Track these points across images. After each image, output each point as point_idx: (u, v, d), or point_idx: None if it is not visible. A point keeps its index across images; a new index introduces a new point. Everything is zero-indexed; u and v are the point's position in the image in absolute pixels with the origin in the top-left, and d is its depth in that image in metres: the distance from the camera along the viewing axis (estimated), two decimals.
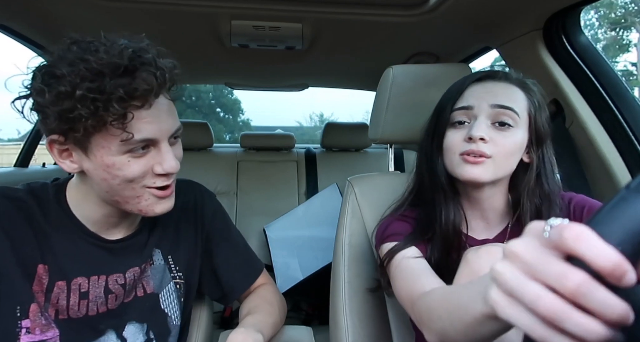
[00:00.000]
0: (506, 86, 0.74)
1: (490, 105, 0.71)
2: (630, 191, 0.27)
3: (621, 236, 0.26)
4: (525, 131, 0.72)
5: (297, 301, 1.82)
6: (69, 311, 0.66)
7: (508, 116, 0.70)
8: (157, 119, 0.60)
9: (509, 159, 0.71)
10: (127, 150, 0.59)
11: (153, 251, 0.76)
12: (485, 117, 0.71)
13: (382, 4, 1.15)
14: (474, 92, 0.74)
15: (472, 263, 0.61)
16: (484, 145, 0.69)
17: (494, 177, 0.71)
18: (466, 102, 0.73)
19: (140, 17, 1.22)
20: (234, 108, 22.10)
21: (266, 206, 2.02)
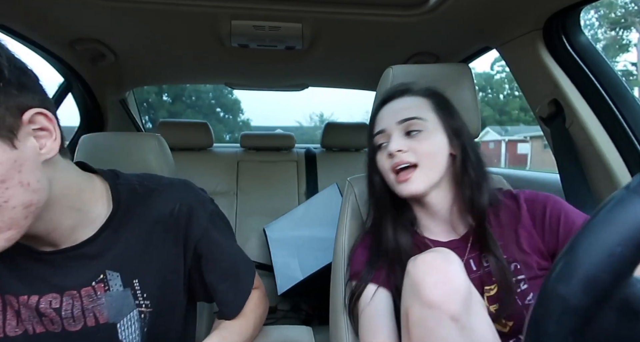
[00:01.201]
0: (407, 100, 0.82)
1: (396, 122, 0.79)
2: (629, 191, 0.27)
3: (621, 236, 0.26)
4: (439, 131, 0.79)
5: (297, 301, 1.82)
6: (5, 328, 0.59)
7: (415, 124, 0.78)
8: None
9: (434, 160, 0.77)
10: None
11: (107, 273, 0.61)
12: (397, 133, 0.79)
13: (382, 4, 1.15)
14: (383, 115, 0.83)
15: (411, 274, 0.62)
16: (404, 155, 0.77)
17: (430, 184, 0.77)
18: (379, 126, 0.82)
19: (140, 17, 1.22)
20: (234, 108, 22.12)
21: (266, 206, 2.02)
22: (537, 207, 0.75)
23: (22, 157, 0.48)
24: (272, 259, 1.75)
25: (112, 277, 0.62)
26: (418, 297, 0.59)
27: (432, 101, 0.81)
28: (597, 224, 0.27)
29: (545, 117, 1.13)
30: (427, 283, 0.59)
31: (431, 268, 0.60)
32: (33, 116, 0.50)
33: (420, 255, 0.64)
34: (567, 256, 0.28)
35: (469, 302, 0.59)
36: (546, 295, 0.29)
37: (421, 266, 0.62)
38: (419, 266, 0.62)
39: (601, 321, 0.27)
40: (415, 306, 0.60)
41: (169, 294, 0.67)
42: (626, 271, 0.26)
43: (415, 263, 0.62)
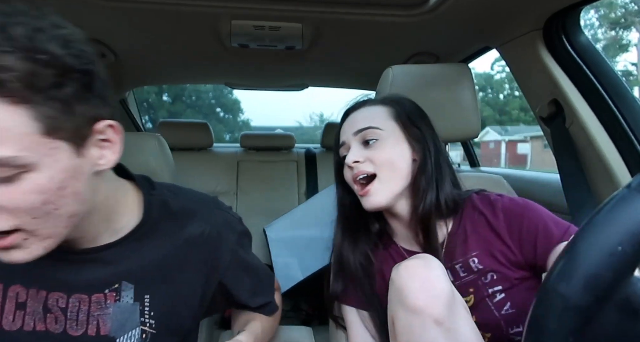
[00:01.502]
0: (365, 110, 0.82)
1: (353, 133, 0.79)
2: (630, 190, 0.27)
3: (622, 235, 0.26)
4: (398, 138, 0.78)
5: (297, 301, 1.82)
6: (2, 320, 0.57)
7: (370, 133, 0.77)
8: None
9: (393, 168, 0.76)
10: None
11: (122, 284, 0.60)
12: (355, 143, 0.79)
13: (382, 4, 1.15)
14: (344, 127, 0.83)
15: (395, 282, 0.63)
16: (362, 165, 0.76)
17: (392, 195, 0.76)
18: (341, 139, 0.83)
19: (140, 17, 1.22)
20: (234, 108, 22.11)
21: (266, 206, 2.01)
22: (514, 218, 0.72)
23: (82, 166, 0.48)
24: (272, 259, 1.75)
25: (126, 288, 0.60)
26: (403, 304, 0.60)
27: (391, 109, 0.81)
28: (597, 223, 0.27)
29: (545, 117, 1.13)
30: (411, 289, 0.60)
31: (413, 274, 0.61)
32: (104, 127, 0.50)
33: (402, 262, 0.64)
34: (568, 254, 0.28)
35: (452, 306, 0.59)
36: (547, 293, 0.29)
37: (404, 272, 0.62)
38: (401, 272, 0.63)
39: (602, 319, 0.27)
40: (400, 312, 0.61)
41: (175, 317, 0.64)
42: (627, 269, 0.26)
43: (399, 270, 0.63)
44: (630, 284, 0.27)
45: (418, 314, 0.58)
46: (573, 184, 1.02)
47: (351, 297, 0.83)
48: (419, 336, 0.58)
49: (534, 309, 0.30)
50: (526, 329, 0.30)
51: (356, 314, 0.83)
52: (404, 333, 0.61)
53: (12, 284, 0.58)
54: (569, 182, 1.03)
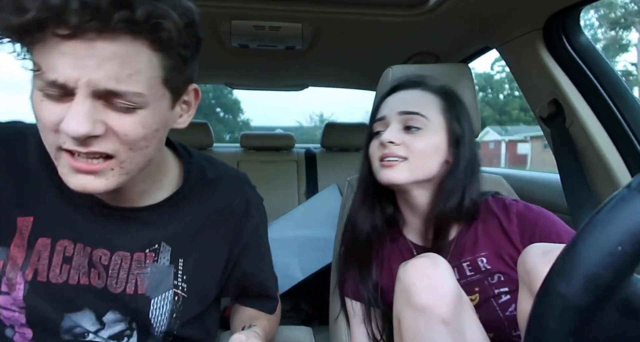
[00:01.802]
0: (417, 93, 0.79)
1: (398, 112, 0.77)
2: (631, 190, 0.27)
3: (622, 235, 0.26)
4: (440, 133, 0.76)
5: (297, 301, 1.82)
6: (49, 273, 0.59)
7: (415, 120, 0.75)
8: (80, 60, 0.44)
9: (425, 160, 0.75)
10: (40, 87, 0.47)
11: (161, 245, 0.63)
12: (396, 123, 0.77)
13: (382, 4, 1.15)
14: (387, 103, 0.81)
15: (402, 279, 0.63)
16: (396, 147, 0.75)
17: (412, 178, 0.75)
18: (381, 113, 0.80)
19: None
20: (234, 108, 22.11)
21: (266, 206, 2.01)
22: (528, 224, 0.73)
23: (170, 118, 0.55)
24: (272, 259, 1.75)
25: (164, 249, 0.63)
26: (409, 302, 0.60)
27: (442, 101, 0.78)
28: (597, 223, 0.27)
29: (545, 117, 1.13)
30: (417, 288, 0.60)
31: (421, 273, 0.61)
32: (191, 89, 0.58)
33: (410, 260, 0.64)
34: (568, 254, 0.28)
35: (459, 306, 0.59)
36: (547, 293, 0.29)
37: (411, 270, 0.62)
38: (409, 271, 0.63)
39: (602, 319, 0.27)
40: (406, 310, 0.61)
41: (202, 284, 0.67)
42: (627, 269, 0.26)
43: (406, 268, 0.63)
44: (630, 284, 0.27)
45: (424, 313, 0.58)
46: (573, 184, 1.02)
47: (356, 291, 0.83)
48: (425, 335, 0.58)
49: (534, 309, 0.30)
50: (526, 329, 0.30)
51: (360, 308, 0.83)
52: (409, 332, 0.61)
53: (60, 239, 0.59)
54: (569, 182, 1.03)
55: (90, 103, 0.46)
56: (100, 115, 0.47)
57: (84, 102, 0.45)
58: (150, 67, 0.48)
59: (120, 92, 0.46)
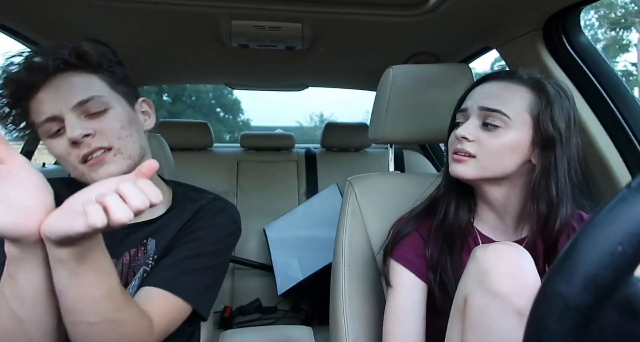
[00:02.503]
0: (504, 86, 0.73)
1: (479, 107, 0.72)
2: (631, 190, 0.27)
3: (622, 235, 0.26)
4: (522, 132, 0.70)
5: (297, 301, 1.82)
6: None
7: (494, 118, 0.70)
8: (54, 96, 0.65)
9: (497, 160, 0.71)
10: (45, 134, 0.66)
11: (148, 239, 0.74)
12: (475, 118, 0.73)
13: (382, 4, 1.15)
14: (473, 94, 0.76)
15: (480, 261, 0.60)
16: (468, 144, 0.72)
17: (480, 175, 0.72)
18: (464, 104, 0.76)
19: (140, 17, 1.22)
20: (234, 108, 22.07)
21: (266, 206, 2.01)
22: None
23: (136, 118, 0.74)
24: (272, 259, 1.75)
25: (150, 242, 0.74)
26: (484, 285, 0.58)
27: (534, 96, 0.71)
28: (598, 223, 0.27)
29: None
30: (497, 273, 0.57)
31: (503, 258, 0.59)
32: (141, 102, 0.78)
33: (491, 244, 0.62)
34: (568, 254, 0.28)
35: None
36: (547, 293, 0.29)
37: (492, 254, 0.59)
38: (489, 253, 0.60)
39: (602, 320, 0.27)
40: (478, 292, 0.59)
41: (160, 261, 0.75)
42: (627, 269, 0.26)
43: (486, 251, 0.60)
44: (630, 284, 0.27)
45: (500, 299, 0.56)
46: None
47: (413, 261, 0.79)
48: (495, 321, 0.56)
49: (533, 308, 0.30)
50: (526, 329, 0.30)
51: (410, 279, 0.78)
52: (477, 315, 0.58)
53: None
54: None
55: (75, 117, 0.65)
56: (85, 123, 0.66)
57: (70, 117, 0.65)
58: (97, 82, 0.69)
59: (86, 98, 0.66)
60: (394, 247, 0.81)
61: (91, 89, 0.67)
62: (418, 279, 0.78)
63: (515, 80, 0.73)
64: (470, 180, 0.74)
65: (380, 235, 0.91)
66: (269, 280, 1.76)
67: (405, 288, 0.78)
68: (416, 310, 0.76)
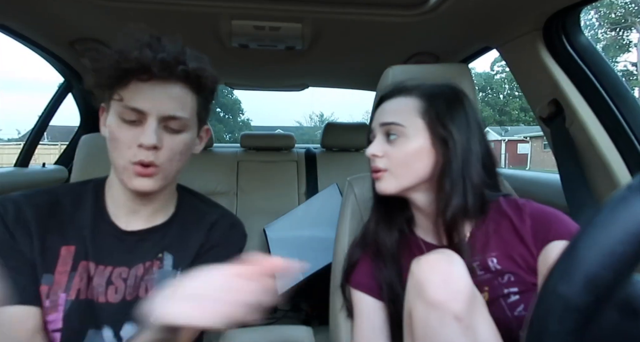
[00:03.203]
0: (397, 101, 0.79)
1: (380, 124, 0.78)
2: (631, 190, 0.27)
3: (622, 235, 0.26)
4: (420, 137, 0.75)
5: (297, 301, 1.82)
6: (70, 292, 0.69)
7: (393, 129, 0.76)
8: (153, 95, 0.66)
9: (407, 168, 0.75)
10: (120, 114, 0.66)
11: (164, 254, 0.76)
12: (379, 135, 0.78)
13: (382, 4, 1.15)
14: (376, 114, 0.82)
15: (415, 274, 0.63)
16: (378, 160, 0.77)
17: (400, 187, 0.76)
18: (372, 125, 0.82)
19: (140, 17, 1.22)
20: (234, 108, 22.09)
21: (266, 206, 2.01)
22: (542, 226, 0.71)
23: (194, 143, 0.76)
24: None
25: (167, 257, 0.76)
26: (422, 297, 0.60)
27: (422, 103, 0.76)
28: (598, 223, 0.27)
29: (545, 117, 1.13)
30: (431, 283, 0.59)
31: (435, 268, 0.61)
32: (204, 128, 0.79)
33: (424, 256, 0.64)
34: (568, 254, 0.28)
35: (472, 303, 0.59)
36: (547, 293, 0.29)
37: (425, 266, 0.62)
38: (422, 265, 0.62)
39: (602, 320, 0.27)
40: (419, 305, 0.61)
41: None
42: (627, 269, 0.26)
43: (419, 263, 0.63)
44: (630, 284, 0.27)
45: (437, 308, 0.58)
46: (573, 184, 1.02)
47: (366, 284, 0.82)
48: (436, 330, 0.58)
49: (534, 308, 0.30)
50: (526, 329, 0.30)
51: (368, 303, 0.82)
52: (421, 327, 0.60)
53: (88, 260, 0.70)
54: (569, 182, 1.03)
55: (157, 124, 0.66)
56: (160, 135, 0.67)
57: (153, 123, 0.66)
58: (192, 103, 0.70)
59: (177, 116, 0.67)
60: (349, 274, 0.85)
61: (186, 109, 0.69)
62: (377, 301, 0.80)
63: (404, 93, 0.79)
64: (393, 194, 0.77)
65: None
66: None
67: (367, 312, 0.81)
68: (381, 332, 0.79)
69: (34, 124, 1.92)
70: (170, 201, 0.80)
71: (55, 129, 12.68)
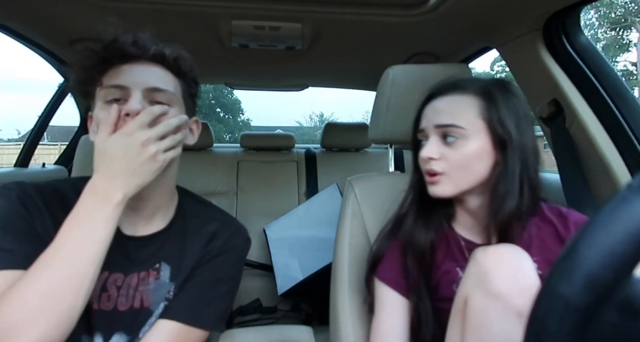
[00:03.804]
0: (451, 100, 0.75)
1: (434, 125, 0.75)
2: (631, 190, 0.27)
3: (622, 235, 0.26)
4: (480, 138, 0.72)
5: (297, 301, 1.82)
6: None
7: (451, 131, 0.72)
8: (133, 73, 0.68)
9: (466, 171, 0.72)
10: (104, 97, 0.68)
11: (161, 264, 0.74)
12: (434, 137, 0.75)
13: (382, 4, 1.15)
14: (426, 113, 0.78)
15: (480, 263, 0.61)
16: (435, 163, 0.74)
17: (458, 190, 0.74)
18: (421, 124, 0.78)
19: (140, 17, 1.22)
20: (234, 108, 22.08)
21: (266, 206, 2.02)
22: None
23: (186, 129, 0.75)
24: (272, 259, 1.75)
25: (164, 268, 0.74)
26: (484, 287, 0.58)
27: (481, 102, 0.73)
28: (598, 223, 0.27)
29: (545, 117, 1.13)
30: (498, 274, 0.58)
31: (504, 260, 0.59)
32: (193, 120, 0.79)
33: (491, 246, 0.63)
34: (568, 254, 0.28)
35: None
36: (547, 293, 0.29)
37: (492, 255, 0.60)
38: (490, 255, 0.60)
39: (602, 320, 0.27)
40: (478, 294, 0.59)
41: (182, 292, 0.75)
42: (627, 269, 0.26)
43: (487, 252, 0.61)
44: (630, 284, 0.27)
45: (500, 300, 0.56)
46: (573, 184, 1.02)
47: (393, 279, 0.79)
48: (494, 323, 0.57)
49: (534, 308, 0.30)
50: (526, 329, 0.30)
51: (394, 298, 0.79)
52: (477, 316, 0.59)
53: None
54: (569, 182, 1.03)
55: (141, 96, 0.67)
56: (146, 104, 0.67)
57: (138, 94, 0.67)
58: (174, 82, 0.73)
59: (161, 88, 0.69)
60: (376, 266, 0.82)
61: (169, 85, 0.71)
62: (402, 298, 0.78)
63: (460, 91, 0.75)
64: (451, 197, 0.75)
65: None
66: (269, 280, 1.76)
67: (391, 308, 0.79)
68: (402, 330, 0.77)
69: (34, 124, 1.93)
70: (169, 202, 0.78)
71: (55, 129, 12.68)
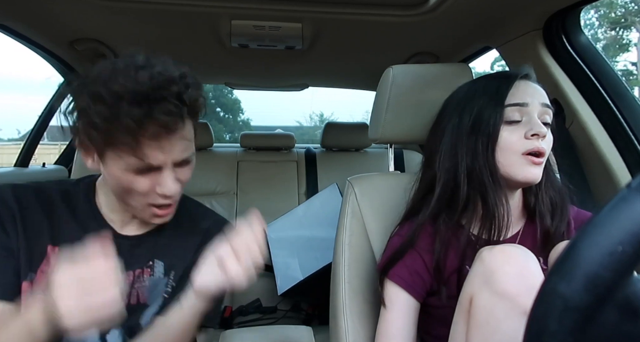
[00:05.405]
0: (537, 86, 0.74)
1: (540, 103, 0.71)
2: (631, 190, 0.27)
3: (622, 235, 0.26)
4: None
5: (297, 301, 1.82)
6: None
7: (549, 115, 0.72)
8: (165, 149, 0.64)
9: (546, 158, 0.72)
10: (132, 166, 0.64)
11: (154, 261, 0.76)
12: (538, 114, 0.71)
13: (382, 4, 1.15)
14: (525, 88, 0.72)
15: (486, 261, 0.61)
16: (544, 142, 0.69)
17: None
18: (519, 98, 0.71)
19: (140, 17, 1.22)
20: (234, 108, 22.06)
21: (266, 206, 2.01)
22: None
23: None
24: (272, 259, 1.75)
25: (157, 264, 0.76)
26: (490, 286, 0.58)
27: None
28: (598, 223, 0.27)
29: None
30: (505, 274, 0.58)
31: (510, 259, 0.59)
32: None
33: (497, 245, 0.62)
34: (568, 254, 0.28)
35: None
36: (547, 293, 0.29)
37: (499, 254, 0.60)
38: (496, 254, 0.60)
39: (602, 319, 0.27)
40: (484, 293, 0.59)
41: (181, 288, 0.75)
42: (627, 269, 0.26)
43: (493, 251, 0.61)
44: (630, 284, 0.27)
45: (506, 300, 0.56)
46: (573, 184, 1.02)
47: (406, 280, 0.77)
48: (500, 321, 0.56)
49: (534, 308, 0.30)
50: (526, 329, 0.30)
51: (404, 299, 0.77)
52: (483, 314, 0.59)
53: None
54: (569, 182, 1.03)
55: (171, 169, 0.67)
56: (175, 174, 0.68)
57: (170, 173, 0.67)
58: (192, 130, 0.71)
59: (188, 157, 0.70)
60: (391, 266, 0.79)
61: (191, 142, 0.70)
62: (412, 299, 0.77)
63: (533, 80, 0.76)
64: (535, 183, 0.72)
65: (380, 235, 0.91)
66: (269, 280, 1.76)
67: (400, 309, 0.77)
68: (409, 333, 0.76)
69: (34, 124, 1.92)
70: None
71: (55, 129, 12.67)
